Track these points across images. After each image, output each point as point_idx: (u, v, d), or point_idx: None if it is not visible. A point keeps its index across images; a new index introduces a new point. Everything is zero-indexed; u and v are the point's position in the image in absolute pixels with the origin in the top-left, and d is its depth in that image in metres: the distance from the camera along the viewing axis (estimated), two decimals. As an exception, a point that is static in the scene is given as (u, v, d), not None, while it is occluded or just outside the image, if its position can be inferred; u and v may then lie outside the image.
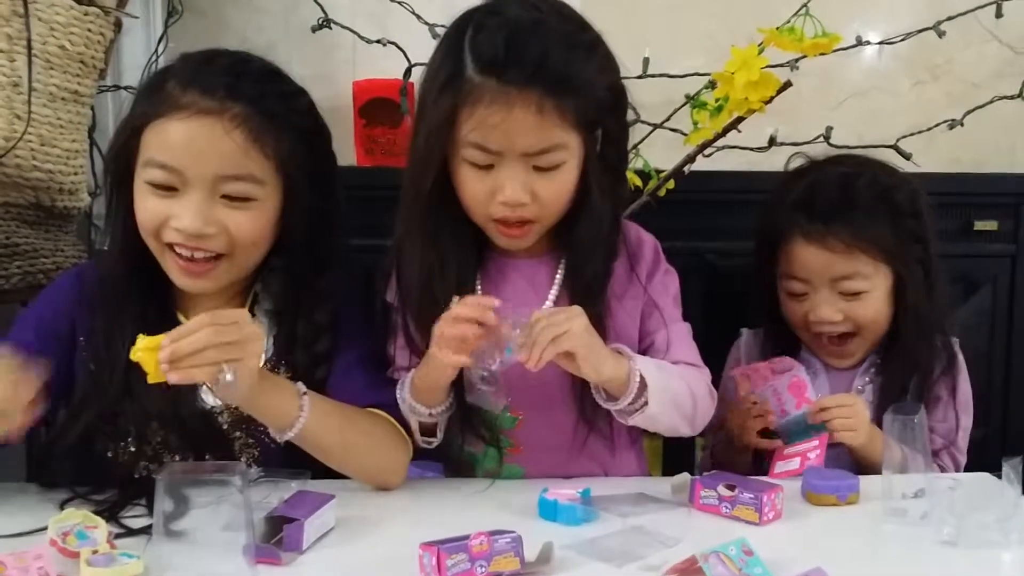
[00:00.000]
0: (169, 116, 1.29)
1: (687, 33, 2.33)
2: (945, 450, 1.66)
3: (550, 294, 1.46)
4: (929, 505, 1.28)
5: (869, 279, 1.59)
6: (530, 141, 1.31)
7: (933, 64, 2.48)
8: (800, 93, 1.77)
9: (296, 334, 1.40)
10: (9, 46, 1.65)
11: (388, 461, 1.38)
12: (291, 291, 1.41)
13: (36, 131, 1.70)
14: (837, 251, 1.58)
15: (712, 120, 1.80)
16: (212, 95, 1.30)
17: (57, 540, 1.13)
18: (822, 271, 1.60)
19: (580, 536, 1.22)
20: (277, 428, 1.30)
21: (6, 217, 1.75)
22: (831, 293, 1.60)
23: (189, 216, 1.30)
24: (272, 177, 1.34)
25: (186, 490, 1.12)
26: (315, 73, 2.27)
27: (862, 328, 1.62)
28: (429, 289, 1.39)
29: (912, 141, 2.12)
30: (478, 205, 1.38)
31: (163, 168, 1.30)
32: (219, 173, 1.30)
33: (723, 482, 1.32)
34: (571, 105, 1.31)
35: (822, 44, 1.67)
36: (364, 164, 2.30)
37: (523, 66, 1.29)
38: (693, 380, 1.44)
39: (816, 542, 1.26)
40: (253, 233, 1.34)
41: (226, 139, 1.29)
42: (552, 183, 1.35)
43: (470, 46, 1.32)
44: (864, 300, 1.60)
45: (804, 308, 1.63)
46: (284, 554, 1.15)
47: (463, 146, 1.33)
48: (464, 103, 1.30)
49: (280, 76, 1.40)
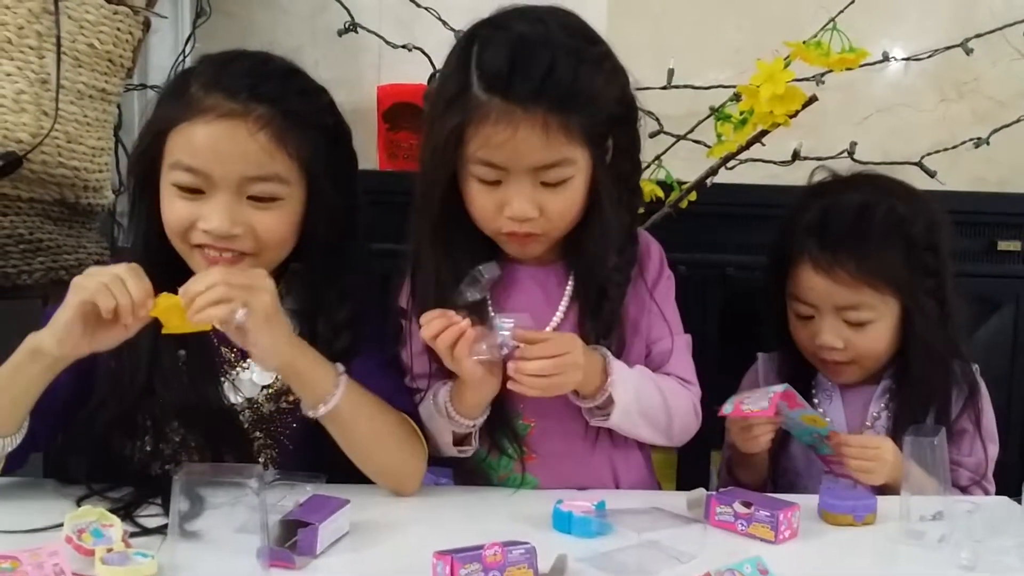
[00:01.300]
0: (194, 119, 1.30)
1: (713, 46, 2.32)
2: (975, 485, 1.62)
3: (560, 305, 1.46)
4: (947, 528, 1.27)
5: (875, 309, 1.57)
6: (536, 157, 1.32)
7: (960, 82, 2.47)
8: (825, 108, 1.76)
9: (317, 332, 1.41)
10: (39, 43, 1.67)
11: (409, 464, 1.39)
12: (313, 290, 1.42)
13: (63, 128, 1.71)
14: (842, 282, 1.55)
15: (736, 133, 1.79)
16: (235, 97, 1.31)
17: (72, 537, 1.13)
18: (827, 299, 1.57)
19: (594, 549, 1.21)
20: (311, 400, 1.30)
21: (30, 213, 1.76)
22: (836, 320, 1.58)
23: (217, 218, 1.31)
24: (296, 176, 1.35)
25: (202, 490, 1.12)
26: (340, 76, 2.28)
27: (861, 357, 1.60)
28: (443, 299, 1.39)
29: (937, 159, 2.10)
30: (487, 219, 1.39)
31: (189, 171, 1.31)
32: (245, 175, 1.31)
33: (739, 499, 1.31)
34: (577, 120, 1.31)
35: (848, 59, 1.66)
36: (387, 168, 2.31)
37: (528, 84, 1.28)
38: (674, 396, 1.48)
39: (831, 562, 1.25)
40: (279, 232, 1.35)
41: (251, 141, 1.30)
42: (559, 198, 1.36)
43: (476, 62, 1.32)
44: (868, 330, 1.58)
45: (810, 331, 1.62)
46: (298, 558, 1.15)
47: (471, 162, 1.34)
48: (471, 120, 1.31)
49: (301, 76, 1.41)
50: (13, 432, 1.27)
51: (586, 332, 1.43)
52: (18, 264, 1.75)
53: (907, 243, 1.57)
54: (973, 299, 1.69)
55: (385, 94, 2.29)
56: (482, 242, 1.43)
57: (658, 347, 1.51)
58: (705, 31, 2.39)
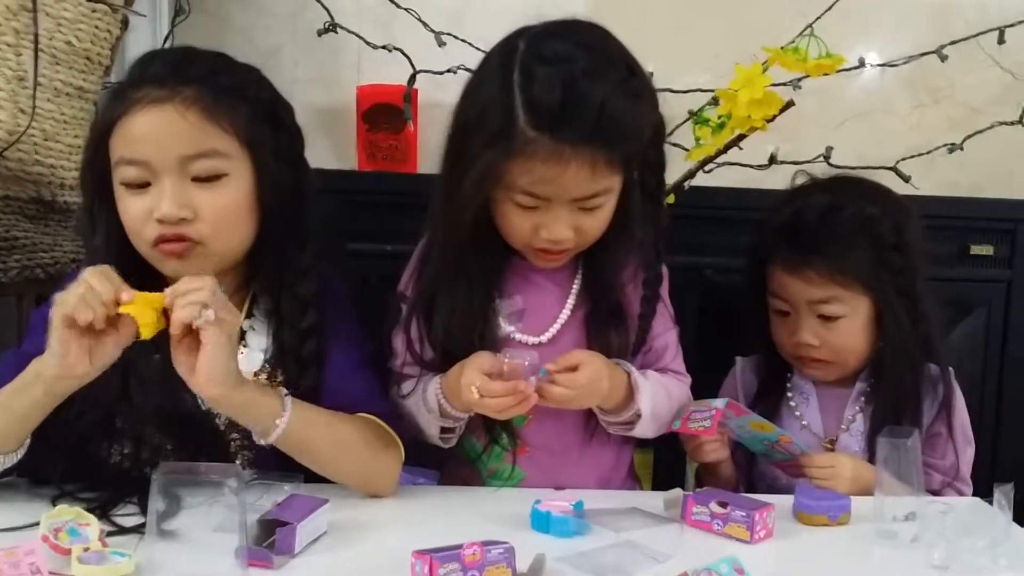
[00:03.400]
0: (127, 114, 1.31)
1: (692, 50, 2.34)
2: (948, 487, 1.64)
3: (568, 300, 1.49)
4: (920, 528, 1.28)
5: (846, 304, 1.60)
6: (581, 190, 1.34)
7: (935, 88, 2.50)
8: (802, 112, 1.77)
9: (282, 312, 1.41)
10: (16, 40, 1.66)
11: (378, 469, 1.39)
12: (272, 270, 1.42)
13: (40, 126, 1.70)
14: (811, 281, 1.59)
15: (714, 136, 1.80)
16: (162, 84, 1.32)
17: (49, 536, 1.12)
18: (800, 296, 1.61)
19: (572, 549, 1.22)
20: (258, 431, 1.30)
21: (6, 211, 1.75)
22: (811, 318, 1.61)
23: (166, 203, 1.30)
24: (237, 150, 1.35)
25: (179, 490, 1.12)
26: (319, 77, 2.29)
27: (838, 355, 1.63)
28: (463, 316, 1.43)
29: (911, 164, 2.12)
30: (520, 238, 1.41)
31: (131, 163, 1.32)
32: (183, 154, 1.31)
33: (715, 499, 1.32)
34: (621, 154, 1.34)
35: (826, 65, 1.68)
36: (365, 169, 2.30)
37: (580, 125, 1.29)
38: (679, 397, 1.54)
39: (806, 562, 1.26)
40: (228, 211, 1.34)
41: (181, 121, 1.30)
42: (593, 219, 1.39)
43: (522, 95, 1.30)
44: (841, 326, 1.60)
45: (788, 329, 1.64)
46: (276, 557, 1.15)
47: (512, 190, 1.35)
48: (517, 157, 1.31)
49: (226, 58, 1.41)
50: (15, 449, 1.27)
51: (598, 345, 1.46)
52: (-7, 262, 1.74)
53: (874, 242, 1.60)
54: (946, 303, 1.71)
55: (364, 95, 2.29)
56: (496, 247, 1.46)
57: (658, 342, 1.55)
58: (684, 36, 2.41)
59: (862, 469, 1.53)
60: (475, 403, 1.33)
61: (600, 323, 1.48)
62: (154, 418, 1.35)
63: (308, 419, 1.31)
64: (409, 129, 2.23)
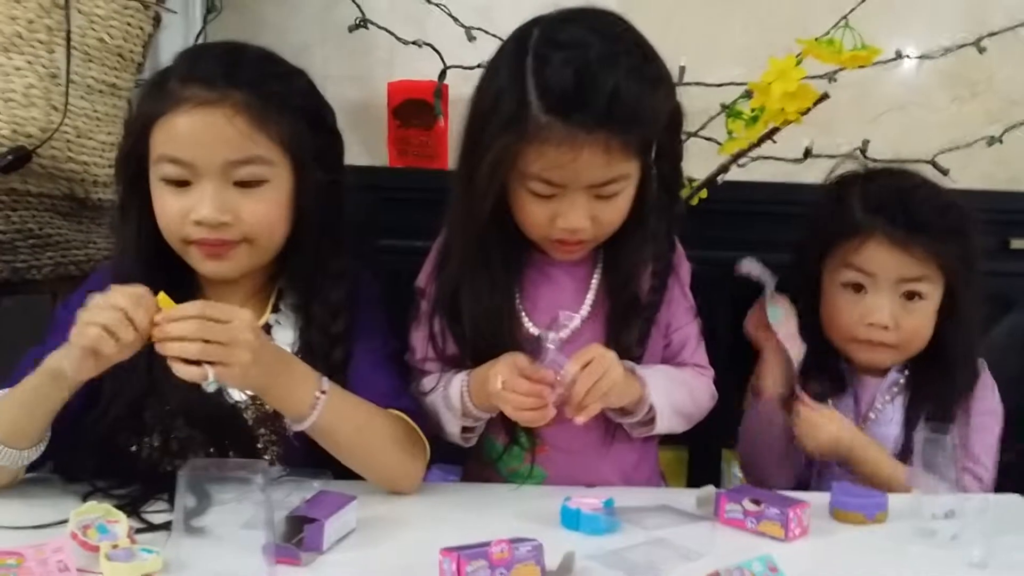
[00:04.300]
0: (173, 111, 1.31)
1: (725, 43, 2.31)
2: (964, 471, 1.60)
3: (588, 296, 1.47)
4: (959, 526, 1.26)
5: (933, 286, 1.60)
6: (596, 176, 1.33)
7: (972, 80, 2.45)
8: (837, 105, 1.74)
9: (313, 316, 1.41)
10: (49, 38, 1.67)
11: (404, 466, 1.38)
12: (306, 275, 1.42)
13: (72, 123, 1.71)
14: (916, 257, 1.57)
15: (747, 130, 1.78)
16: (211, 85, 1.31)
17: (78, 533, 1.13)
18: (893, 272, 1.59)
19: (602, 547, 1.21)
20: (291, 417, 1.30)
21: (39, 208, 1.76)
22: (894, 296, 1.59)
23: (206, 206, 1.31)
24: (280, 157, 1.35)
25: (208, 486, 1.11)
26: (350, 73, 2.29)
27: (907, 339, 1.61)
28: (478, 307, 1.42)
29: (949, 157, 2.08)
30: (537, 228, 1.40)
31: (174, 162, 1.32)
32: (227, 159, 1.31)
33: (749, 496, 1.30)
34: (636, 139, 1.32)
35: (861, 57, 1.65)
36: (396, 165, 2.30)
37: (593, 109, 1.28)
38: (698, 388, 1.53)
39: (842, 560, 1.24)
40: (268, 217, 1.35)
41: (229, 127, 1.30)
42: (611, 208, 1.37)
43: (535, 81, 1.30)
44: (920, 309, 1.60)
45: (858, 309, 1.61)
46: (304, 554, 1.14)
47: (526, 178, 1.34)
48: (530, 142, 1.30)
49: (276, 60, 1.41)
50: (36, 443, 1.28)
51: (618, 339, 1.44)
52: (27, 259, 1.75)
53: (964, 231, 1.61)
54: (986, 298, 1.68)
55: (395, 91, 2.29)
56: (514, 240, 1.44)
57: (678, 335, 1.54)
58: (716, 29, 2.38)
59: (845, 433, 1.55)
60: (496, 394, 1.31)
61: (619, 319, 1.46)
62: (181, 412, 1.36)
63: (341, 415, 1.31)
64: (440, 125, 2.22)
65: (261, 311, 1.43)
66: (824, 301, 1.66)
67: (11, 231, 1.71)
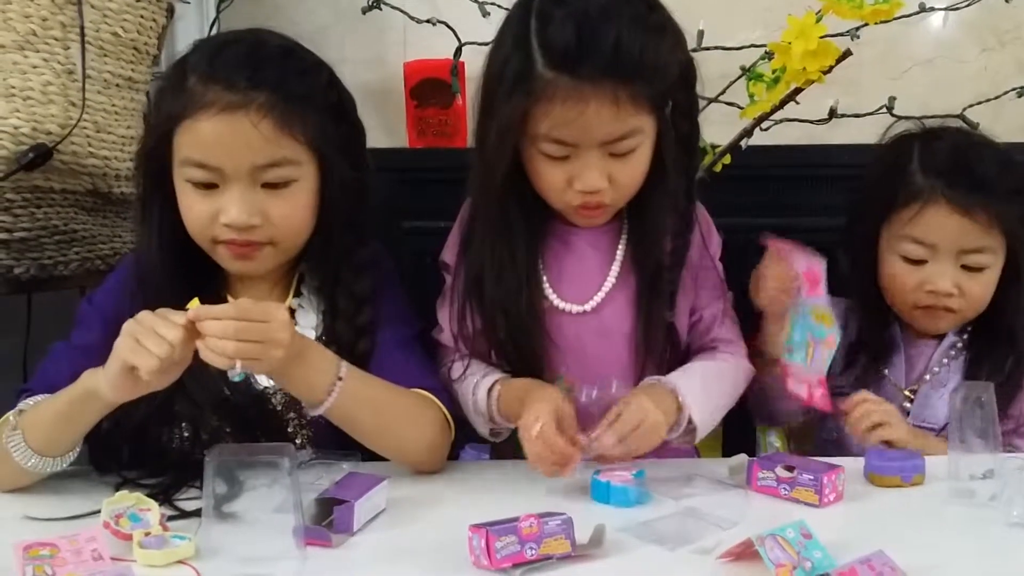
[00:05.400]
0: (196, 116, 1.30)
1: (744, 5, 2.27)
2: (1013, 432, 1.59)
3: (613, 266, 1.46)
4: (998, 486, 1.23)
5: (994, 255, 1.56)
6: (607, 131, 1.31)
7: (1001, 30, 2.39)
8: (861, 63, 1.71)
9: (338, 307, 1.41)
10: (63, 34, 1.67)
11: (428, 445, 1.37)
12: (331, 265, 1.42)
13: (91, 118, 1.71)
14: (980, 223, 1.53)
15: (769, 92, 1.75)
16: (235, 88, 1.30)
17: (110, 523, 1.14)
18: (954, 239, 1.55)
19: (633, 518, 1.20)
20: (307, 402, 1.30)
21: (64, 204, 1.77)
22: (954, 263, 1.56)
23: (235, 209, 1.31)
24: (306, 156, 1.35)
25: (238, 472, 1.12)
26: (366, 55, 2.27)
27: (970, 305, 1.58)
28: (502, 280, 1.41)
29: (979, 110, 2.05)
30: (555, 193, 1.38)
31: (200, 167, 1.31)
32: (255, 163, 1.31)
33: (782, 463, 1.29)
34: (645, 90, 1.30)
35: (883, 11, 1.61)
36: (416, 145, 2.29)
37: (596, 60, 1.27)
38: (736, 376, 1.50)
39: (878, 525, 1.22)
40: (297, 218, 1.36)
41: (254, 132, 1.29)
42: (628, 166, 1.35)
43: (538, 40, 1.29)
44: (982, 276, 1.57)
45: (918, 276, 1.58)
46: (335, 536, 1.15)
47: (539, 140, 1.33)
48: (538, 101, 1.29)
49: (298, 54, 1.40)
50: (68, 452, 1.29)
51: (649, 310, 1.43)
52: (54, 255, 1.76)
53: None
54: None
55: (412, 71, 2.27)
56: (535, 209, 1.43)
57: (708, 312, 1.52)
58: (734, -9, 2.34)
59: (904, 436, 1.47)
60: (527, 437, 1.27)
61: (649, 289, 1.44)
62: (209, 402, 1.36)
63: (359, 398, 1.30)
64: (458, 103, 2.20)
65: (284, 296, 1.44)
66: (882, 269, 1.62)
67: (36, 228, 1.72)
